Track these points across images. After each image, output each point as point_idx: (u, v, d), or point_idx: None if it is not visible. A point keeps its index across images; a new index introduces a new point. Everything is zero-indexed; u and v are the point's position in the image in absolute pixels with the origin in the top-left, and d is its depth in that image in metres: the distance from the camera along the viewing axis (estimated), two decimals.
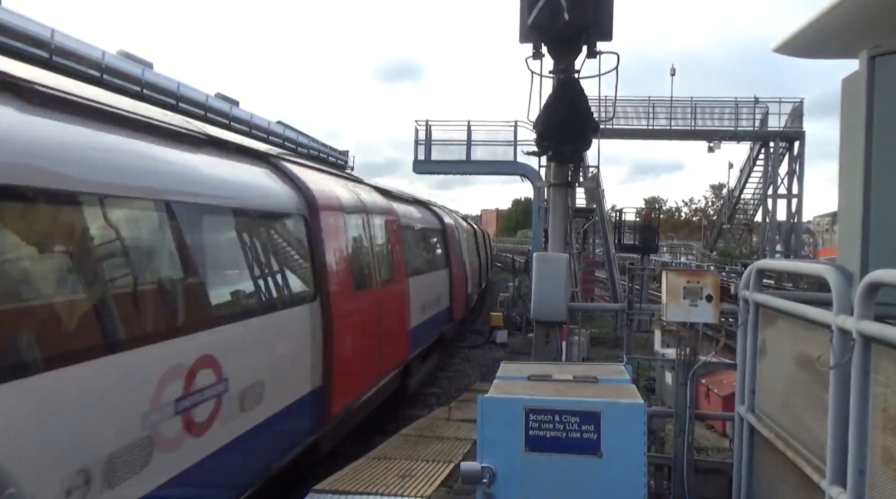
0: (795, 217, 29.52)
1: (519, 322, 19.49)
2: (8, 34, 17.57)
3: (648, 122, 28.96)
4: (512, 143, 22.26)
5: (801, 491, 3.06)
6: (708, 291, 4.50)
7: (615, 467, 3.13)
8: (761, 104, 28.75)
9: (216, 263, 5.10)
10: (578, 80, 6.56)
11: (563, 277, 5.98)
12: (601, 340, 16.01)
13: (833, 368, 2.56)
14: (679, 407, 4.83)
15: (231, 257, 5.35)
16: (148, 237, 4.29)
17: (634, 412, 3.17)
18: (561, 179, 6.91)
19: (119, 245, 3.92)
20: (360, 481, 5.75)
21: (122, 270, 3.98)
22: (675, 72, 33.23)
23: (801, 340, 3.18)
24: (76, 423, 3.18)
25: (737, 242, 36.06)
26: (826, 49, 4.75)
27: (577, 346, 10.21)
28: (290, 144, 29.81)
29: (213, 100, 28.12)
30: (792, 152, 28.99)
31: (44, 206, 3.36)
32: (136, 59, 23.50)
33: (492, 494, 3.23)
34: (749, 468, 3.85)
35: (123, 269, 3.98)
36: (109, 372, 3.43)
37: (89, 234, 3.66)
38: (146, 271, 4.18)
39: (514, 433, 3.23)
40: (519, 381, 3.75)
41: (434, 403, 11.49)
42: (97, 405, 3.31)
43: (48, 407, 3.02)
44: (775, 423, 3.46)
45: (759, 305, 3.78)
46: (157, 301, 4.19)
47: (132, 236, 4.11)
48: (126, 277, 3.97)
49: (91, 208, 3.67)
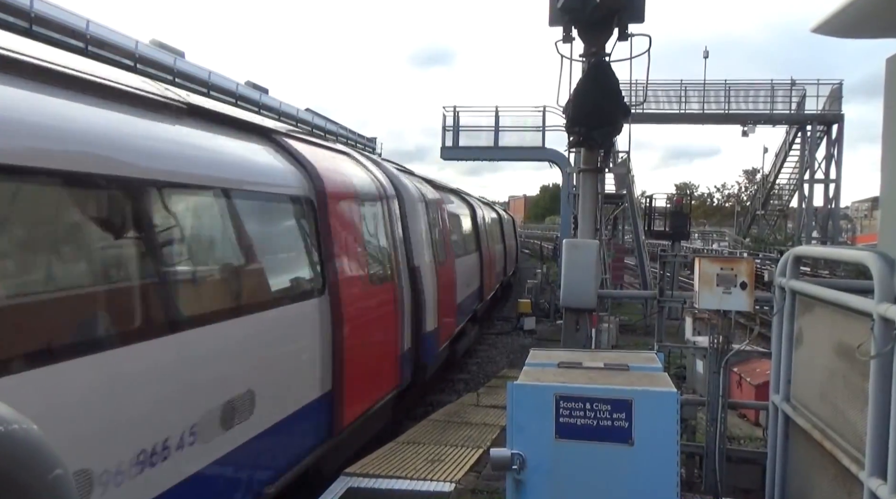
0: (833, 203, 28.79)
1: (547, 309, 19.42)
2: (46, 25, 17.96)
3: (680, 106, 28.40)
4: (540, 128, 22.05)
5: (838, 482, 3.01)
6: (742, 278, 4.41)
7: (647, 456, 3.11)
8: (798, 86, 28.00)
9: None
10: (609, 64, 6.46)
11: (593, 264, 5.94)
12: (630, 328, 15.87)
13: (874, 357, 2.49)
14: (711, 396, 4.77)
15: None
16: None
17: (667, 401, 3.14)
18: (591, 165, 6.84)
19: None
20: (389, 464, 5.82)
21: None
22: (708, 54, 32.58)
23: (839, 328, 3.10)
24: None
25: (771, 228, 35.32)
26: (868, 28, 4.57)
27: (607, 333, 10.14)
28: (318, 131, 29.99)
29: (242, 88, 28.46)
30: (830, 136, 28.21)
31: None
32: (169, 48, 23.85)
33: (521, 480, 3.23)
34: (784, 458, 3.78)
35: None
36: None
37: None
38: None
39: (545, 420, 3.22)
40: (549, 368, 3.74)
41: (462, 389, 11.54)
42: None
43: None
44: (812, 413, 3.39)
45: (795, 292, 3.69)
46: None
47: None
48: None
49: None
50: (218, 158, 4.59)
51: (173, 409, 3.54)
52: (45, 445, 1.57)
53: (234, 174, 4.66)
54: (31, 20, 17.30)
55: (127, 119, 3.78)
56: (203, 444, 3.77)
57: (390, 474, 5.55)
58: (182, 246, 4.03)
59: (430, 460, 5.97)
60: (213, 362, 3.94)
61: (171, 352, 3.56)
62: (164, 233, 3.77)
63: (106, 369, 3.11)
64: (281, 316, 4.79)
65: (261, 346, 4.50)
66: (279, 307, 4.80)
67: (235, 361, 4.17)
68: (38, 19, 17.52)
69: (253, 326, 4.41)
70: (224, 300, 4.31)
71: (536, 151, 22.35)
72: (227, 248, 4.64)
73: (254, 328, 4.42)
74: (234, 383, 4.11)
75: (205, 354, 3.87)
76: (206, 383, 3.85)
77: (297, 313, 5.06)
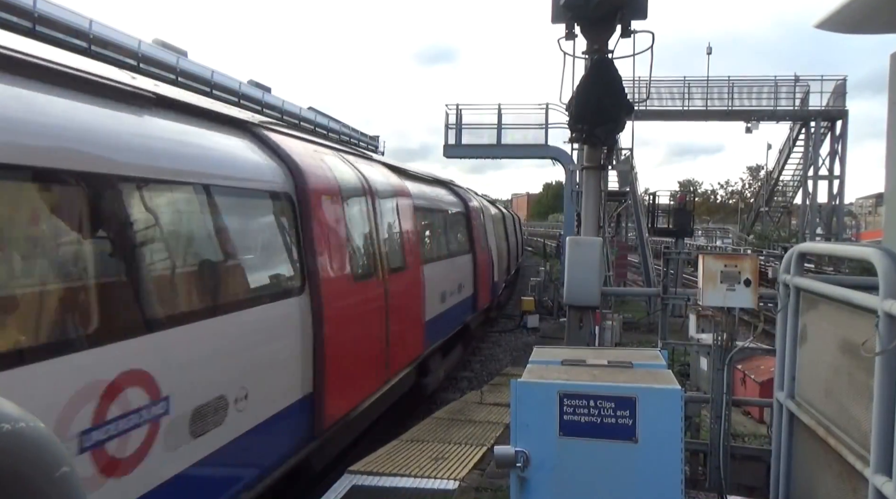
0: (837, 199, 28.67)
1: (550, 307, 19.43)
2: (49, 25, 18.00)
3: (683, 103, 28.32)
4: (543, 126, 22.02)
5: (843, 479, 3.00)
6: (746, 275, 4.41)
7: (651, 453, 3.11)
8: (802, 82, 27.86)
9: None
10: (612, 61, 6.45)
11: (597, 262, 5.93)
12: (634, 326, 15.86)
13: (879, 354, 2.49)
14: (715, 393, 4.77)
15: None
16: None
17: (672, 398, 3.14)
18: (594, 162, 6.83)
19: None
20: (393, 462, 5.83)
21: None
22: (711, 51, 32.46)
23: (844, 325, 3.10)
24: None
25: (775, 225, 35.23)
26: (872, 23, 4.55)
27: (610, 331, 10.13)
28: (321, 130, 30.01)
29: (245, 87, 28.51)
30: (834, 132, 28.10)
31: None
32: (172, 47, 23.88)
33: (526, 478, 3.24)
34: (788, 456, 3.78)
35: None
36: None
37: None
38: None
39: (549, 418, 3.22)
40: (553, 365, 3.74)
41: (466, 386, 11.56)
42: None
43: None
44: (816, 410, 3.39)
45: (800, 289, 3.69)
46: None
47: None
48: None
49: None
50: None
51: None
52: (52, 442, 1.57)
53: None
54: (34, 20, 17.36)
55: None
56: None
57: (394, 472, 5.56)
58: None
59: (434, 458, 5.98)
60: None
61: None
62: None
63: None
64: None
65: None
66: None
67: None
68: (41, 19, 17.58)
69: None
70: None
71: (539, 149, 22.32)
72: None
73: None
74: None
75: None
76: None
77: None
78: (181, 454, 3.70)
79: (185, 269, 4.19)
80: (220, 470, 4.13)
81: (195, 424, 3.81)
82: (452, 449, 6.29)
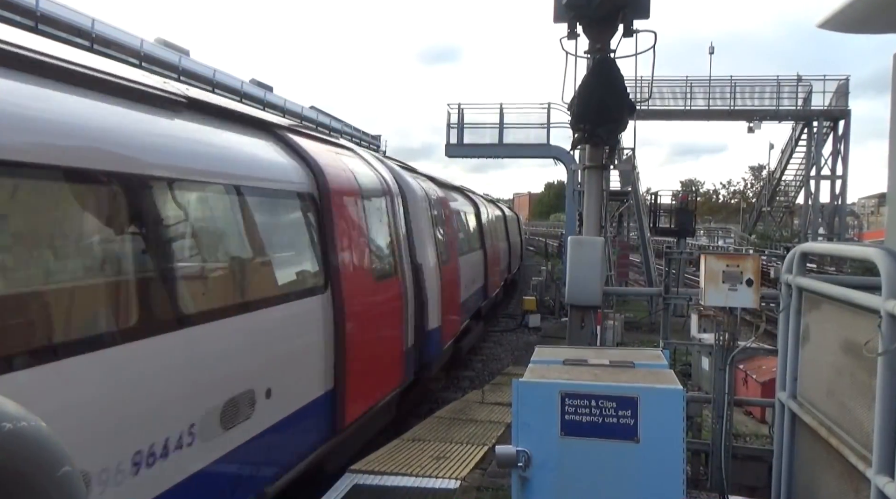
0: (839, 199, 28.64)
1: (551, 306, 19.40)
2: (51, 24, 18.02)
3: (686, 103, 28.29)
4: (545, 125, 21.98)
5: (844, 479, 3.00)
6: (748, 275, 4.40)
7: (653, 453, 3.11)
8: (804, 82, 27.82)
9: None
10: (614, 61, 6.44)
11: (599, 261, 5.93)
12: (635, 325, 15.84)
13: (881, 354, 2.48)
14: (717, 393, 4.76)
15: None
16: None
17: (673, 398, 3.14)
18: (596, 162, 6.81)
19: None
20: (395, 461, 5.83)
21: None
22: (713, 50, 32.39)
23: (846, 325, 3.09)
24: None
25: (777, 225, 35.18)
26: (875, 23, 4.54)
27: (612, 330, 10.12)
28: (323, 128, 30.01)
29: (247, 86, 28.53)
30: (836, 132, 28.05)
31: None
32: (174, 46, 23.91)
33: (527, 477, 3.24)
34: (790, 456, 3.77)
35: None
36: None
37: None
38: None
39: (550, 417, 3.22)
40: (554, 365, 3.74)
41: (467, 386, 11.55)
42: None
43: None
44: (818, 410, 3.38)
45: (802, 289, 3.68)
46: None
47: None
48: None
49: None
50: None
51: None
52: (53, 442, 1.58)
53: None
54: (36, 19, 17.38)
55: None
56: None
57: (396, 471, 5.56)
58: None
59: (435, 457, 5.98)
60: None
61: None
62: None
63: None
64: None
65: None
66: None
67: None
68: (43, 18, 17.61)
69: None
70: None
71: (541, 148, 22.28)
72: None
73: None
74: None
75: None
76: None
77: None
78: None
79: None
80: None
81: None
82: (454, 448, 6.29)
